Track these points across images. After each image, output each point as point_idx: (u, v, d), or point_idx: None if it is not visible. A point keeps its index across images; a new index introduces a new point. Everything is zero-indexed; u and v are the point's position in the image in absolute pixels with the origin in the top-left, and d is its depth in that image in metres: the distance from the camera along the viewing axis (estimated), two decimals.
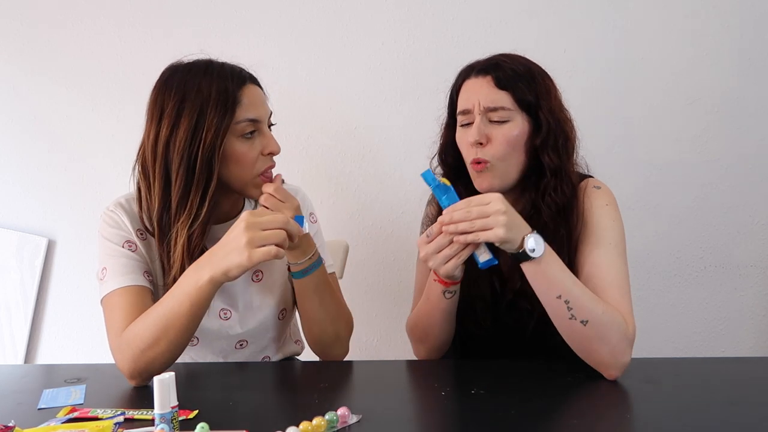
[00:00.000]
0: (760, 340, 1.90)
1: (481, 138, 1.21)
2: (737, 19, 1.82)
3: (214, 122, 1.15)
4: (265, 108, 1.23)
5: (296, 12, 1.90)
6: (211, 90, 1.16)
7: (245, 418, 0.95)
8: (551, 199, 1.21)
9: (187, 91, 1.16)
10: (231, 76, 1.19)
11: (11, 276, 2.01)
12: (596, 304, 1.08)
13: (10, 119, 2.00)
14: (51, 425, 0.94)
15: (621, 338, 1.08)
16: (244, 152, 1.18)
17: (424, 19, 1.88)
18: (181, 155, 1.15)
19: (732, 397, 1.01)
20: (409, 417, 1.02)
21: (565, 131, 1.23)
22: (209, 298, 1.07)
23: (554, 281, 1.08)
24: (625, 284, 1.17)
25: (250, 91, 1.20)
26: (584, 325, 1.07)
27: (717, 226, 1.88)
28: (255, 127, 1.20)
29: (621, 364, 1.09)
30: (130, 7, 1.94)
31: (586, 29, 1.85)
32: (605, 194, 1.25)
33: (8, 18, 1.97)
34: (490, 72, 1.23)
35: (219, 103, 1.16)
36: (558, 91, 1.27)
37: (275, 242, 1.02)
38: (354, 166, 1.91)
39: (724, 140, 1.85)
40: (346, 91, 1.91)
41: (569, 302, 1.07)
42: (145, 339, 1.08)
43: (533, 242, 1.05)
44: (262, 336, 1.33)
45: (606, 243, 1.18)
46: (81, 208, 1.98)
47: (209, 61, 1.22)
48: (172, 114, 1.16)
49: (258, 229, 1.02)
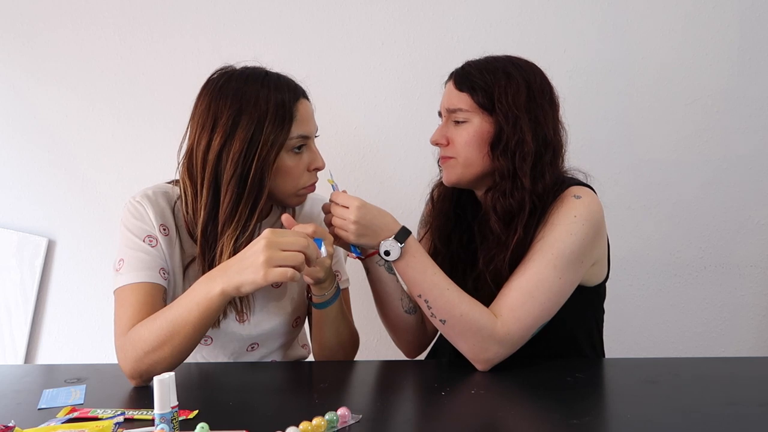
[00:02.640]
0: (760, 340, 1.90)
1: (440, 139, 1.28)
2: (737, 19, 1.82)
3: (271, 137, 1.14)
4: (314, 123, 1.23)
5: (296, 12, 1.90)
6: (269, 103, 1.15)
7: (245, 418, 0.95)
8: (499, 204, 1.21)
9: (244, 102, 1.15)
10: (288, 89, 1.19)
11: (11, 276, 2.01)
12: (456, 306, 1.14)
13: (10, 119, 2.00)
14: (51, 425, 0.94)
15: (482, 337, 1.13)
16: (293, 167, 1.19)
17: (424, 19, 1.88)
18: (234, 167, 1.13)
19: (732, 397, 1.01)
20: (409, 417, 1.02)
21: (521, 134, 1.20)
22: (219, 309, 1.07)
23: (414, 281, 1.17)
24: (537, 293, 1.15)
25: (303, 107, 1.20)
26: (443, 324, 1.16)
27: (717, 226, 1.88)
28: (304, 141, 1.20)
29: (483, 360, 1.14)
30: (131, 7, 1.93)
31: (586, 29, 1.85)
32: (580, 205, 1.20)
33: (8, 18, 1.96)
34: (454, 75, 1.29)
35: (277, 118, 1.15)
36: (539, 92, 1.24)
37: (293, 264, 1.01)
38: (354, 166, 1.91)
39: (724, 140, 1.85)
40: (346, 91, 1.91)
41: (428, 302, 1.16)
42: (150, 342, 1.08)
43: (388, 246, 1.16)
44: (273, 341, 1.32)
45: (545, 252, 1.17)
46: (81, 208, 1.98)
47: (265, 72, 1.21)
48: (228, 124, 1.14)
49: (278, 248, 1.01)
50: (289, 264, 1.01)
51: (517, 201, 1.20)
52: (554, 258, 1.16)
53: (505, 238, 1.20)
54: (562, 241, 1.17)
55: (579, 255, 1.18)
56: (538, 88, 1.24)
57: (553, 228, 1.18)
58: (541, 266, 1.16)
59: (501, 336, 1.13)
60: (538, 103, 1.23)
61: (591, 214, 1.20)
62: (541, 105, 1.24)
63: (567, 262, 1.17)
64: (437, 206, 1.37)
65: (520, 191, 1.20)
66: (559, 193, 1.22)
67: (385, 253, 1.16)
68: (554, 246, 1.17)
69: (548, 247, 1.17)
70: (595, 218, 1.20)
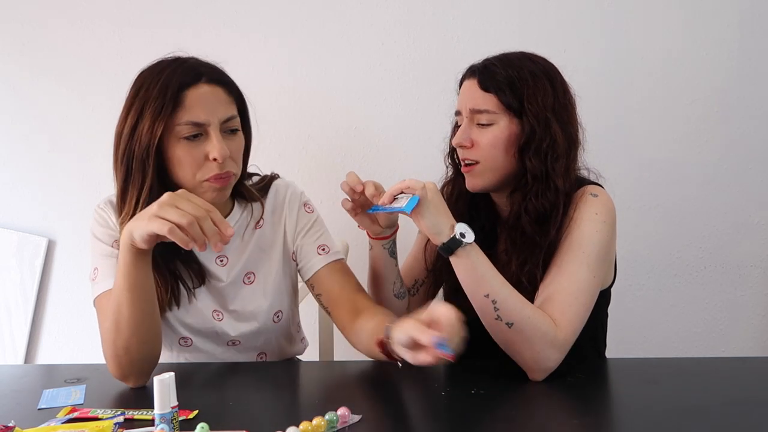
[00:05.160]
0: (760, 340, 1.90)
1: (465, 141, 1.23)
2: (737, 19, 1.82)
3: (149, 120, 1.12)
4: (213, 110, 1.15)
5: (296, 12, 1.90)
6: (155, 88, 1.14)
7: (245, 418, 0.95)
8: (531, 205, 1.20)
9: (140, 87, 1.16)
10: (184, 74, 1.15)
11: (11, 276, 2.01)
12: (523, 308, 1.09)
13: (10, 119, 2.00)
14: (51, 425, 0.94)
15: (546, 344, 1.08)
16: (182, 156, 1.14)
17: (424, 19, 1.88)
18: (123, 150, 1.15)
19: (732, 397, 1.01)
20: (409, 417, 1.02)
21: (551, 135, 1.19)
22: (135, 264, 1.05)
23: (483, 279, 1.09)
24: (579, 294, 1.14)
25: (198, 92, 1.14)
26: (509, 327, 1.08)
27: (717, 226, 1.88)
28: (199, 130, 1.14)
29: (544, 369, 1.09)
30: (131, 6, 1.93)
31: (586, 29, 1.85)
32: (599, 203, 1.21)
33: (8, 18, 1.96)
34: (477, 74, 1.24)
35: (158, 102, 1.13)
36: (562, 92, 1.24)
37: (177, 221, 0.97)
38: (354, 166, 1.91)
39: (724, 140, 1.85)
40: (346, 91, 1.91)
41: (496, 302, 1.08)
42: (111, 331, 1.09)
43: (462, 227, 1.08)
44: (254, 338, 1.31)
45: (578, 251, 1.16)
46: (81, 208, 1.98)
47: (173, 59, 1.19)
48: (126, 108, 1.16)
49: (172, 205, 0.99)
50: (174, 220, 0.98)
51: (550, 202, 1.19)
52: (586, 257, 1.16)
53: (540, 239, 1.19)
54: (591, 239, 1.17)
55: (605, 253, 1.19)
56: (560, 86, 1.24)
57: (579, 227, 1.18)
58: (576, 266, 1.15)
59: (560, 341, 1.09)
60: (561, 103, 1.23)
61: (610, 212, 1.21)
62: (564, 104, 1.23)
63: (597, 260, 1.17)
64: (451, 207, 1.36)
65: (553, 192, 1.19)
66: (574, 191, 1.22)
67: (461, 235, 1.08)
68: (584, 245, 1.16)
69: (578, 246, 1.16)
70: (613, 217, 1.21)
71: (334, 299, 1.28)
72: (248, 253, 1.30)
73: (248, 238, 1.30)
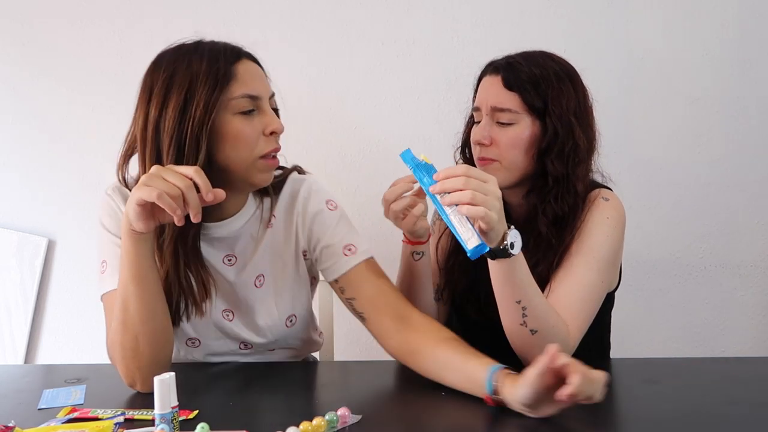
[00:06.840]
0: (760, 340, 1.90)
1: (485, 139, 1.21)
2: (737, 19, 1.82)
3: (203, 96, 1.05)
4: (264, 84, 1.13)
5: (296, 12, 1.90)
6: (202, 64, 1.07)
7: (245, 418, 0.95)
8: (550, 208, 1.19)
9: (176, 68, 1.08)
10: (224, 50, 1.10)
11: (11, 276, 2.01)
12: (549, 316, 1.08)
13: (11, 119, 2.00)
14: (51, 425, 0.94)
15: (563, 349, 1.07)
16: (241, 130, 1.08)
17: (424, 19, 1.88)
18: (171, 135, 1.06)
19: (732, 397, 1.01)
20: (409, 417, 1.02)
21: (574, 139, 1.19)
22: (136, 250, 1.03)
23: (519, 285, 1.05)
24: (588, 299, 1.15)
25: (246, 66, 1.11)
26: (533, 334, 1.07)
27: (717, 226, 1.88)
28: (254, 104, 1.10)
29: None
30: (131, 6, 1.93)
31: (586, 29, 1.85)
32: (610, 207, 1.21)
33: (8, 18, 1.96)
34: (501, 72, 1.21)
35: (210, 76, 1.06)
36: (583, 96, 1.23)
37: (164, 189, 0.95)
38: (354, 166, 1.91)
39: (724, 140, 1.85)
40: (346, 91, 1.91)
41: (526, 309, 1.06)
42: (118, 332, 1.06)
43: (514, 236, 1.00)
44: (267, 342, 1.26)
45: (588, 255, 1.16)
46: (81, 208, 1.98)
47: (201, 40, 1.13)
48: (161, 93, 1.07)
49: (159, 176, 0.97)
50: (160, 188, 0.96)
51: (569, 205, 1.19)
52: (596, 261, 1.16)
53: (555, 242, 1.18)
54: (601, 243, 1.17)
55: (614, 258, 1.19)
56: (581, 89, 1.24)
57: (590, 230, 1.17)
58: (585, 270, 1.15)
59: (571, 347, 1.10)
60: (583, 107, 1.22)
61: (620, 217, 1.21)
62: (585, 108, 1.23)
63: (606, 265, 1.17)
64: None
65: (573, 196, 1.19)
66: (585, 194, 1.22)
67: (511, 246, 1.00)
68: (594, 249, 1.16)
69: (588, 249, 1.16)
70: (623, 222, 1.22)
71: (372, 304, 1.17)
72: (258, 254, 1.22)
73: (259, 238, 1.22)
